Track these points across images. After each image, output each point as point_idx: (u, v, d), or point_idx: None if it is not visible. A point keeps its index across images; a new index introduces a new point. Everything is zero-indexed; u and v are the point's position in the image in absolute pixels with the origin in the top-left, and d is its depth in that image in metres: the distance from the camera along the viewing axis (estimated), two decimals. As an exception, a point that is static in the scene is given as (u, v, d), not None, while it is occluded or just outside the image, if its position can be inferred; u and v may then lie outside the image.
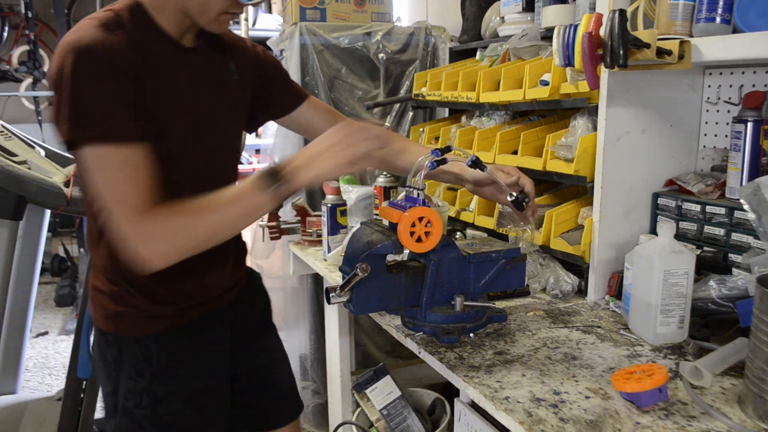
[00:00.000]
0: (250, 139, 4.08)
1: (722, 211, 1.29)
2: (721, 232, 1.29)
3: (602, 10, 1.26)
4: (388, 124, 2.42)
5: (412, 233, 1.09)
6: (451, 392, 1.82)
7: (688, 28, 1.15)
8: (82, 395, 2.00)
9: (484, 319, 1.22)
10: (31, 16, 4.86)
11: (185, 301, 1.18)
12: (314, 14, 2.41)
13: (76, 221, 4.89)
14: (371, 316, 1.33)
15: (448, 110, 2.28)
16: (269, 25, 3.61)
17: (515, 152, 1.61)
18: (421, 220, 1.09)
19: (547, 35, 1.73)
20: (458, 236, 1.76)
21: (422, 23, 2.56)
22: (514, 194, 1.26)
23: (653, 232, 1.44)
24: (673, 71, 1.36)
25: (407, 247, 1.10)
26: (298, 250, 1.98)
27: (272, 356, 1.44)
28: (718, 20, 1.10)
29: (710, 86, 1.44)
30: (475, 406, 1.17)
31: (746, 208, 1.12)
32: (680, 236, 1.37)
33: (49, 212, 2.35)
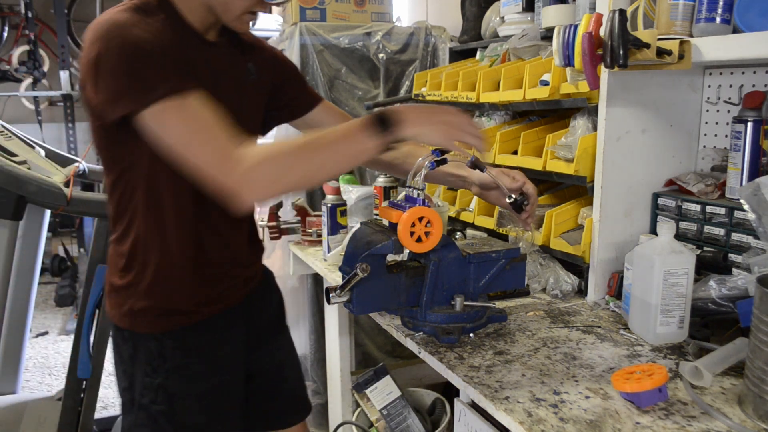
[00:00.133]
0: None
1: (722, 211, 1.29)
2: (721, 232, 1.29)
3: (602, 10, 1.26)
4: None
5: (412, 233, 1.09)
6: (451, 392, 1.82)
7: (688, 28, 1.15)
8: (82, 395, 2.00)
9: (484, 319, 1.22)
10: (31, 16, 4.86)
11: (201, 296, 1.18)
12: (314, 14, 2.41)
13: (76, 221, 4.89)
14: (371, 316, 1.33)
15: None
16: (269, 25, 3.60)
17: (515, 152, 1.61)
18: (421, 220, 1.09)
19: (547, 35, 1.73)
20: (458, 236, 1.76)
21: (422, 23, 2.56)
22: (513, 196, 1.26)
23: (653, 232, 1.44)
24: (673, 71, 1.36)
25: (407, 247, 1.10)
26: (298, 250, 1.98)
27: (284, 356, 1.44)
28: (718, 20, 1.10)
29: (710, 86, 1.44)
30: (475, 406, 1.17)
31: (746, 208, 1.12)
32: (680, 236, 1.37)
33: (49, 212, 2.35)
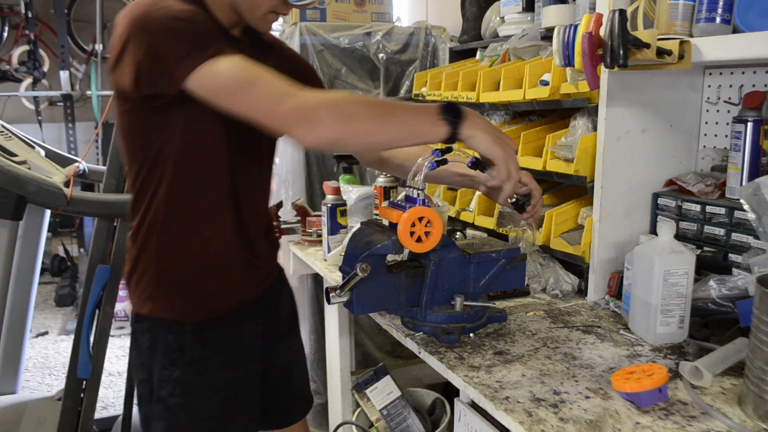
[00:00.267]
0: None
1: (722, 211, 1.29)
2: (721, 232, 1.29)
3: (602, 10, 1.26)
4: None
5: (412, 233, 1.09)
6: (451, 392, 1.82)
7: (688, 28, 1.15)
8: (82, 395, 2.00)
9: (484, 319, 1.22)
10: (31, 16, 4.86)
11: (221, 285, 1.20)
12: (314, 14, 2.41)
13: (76, 221, 4.89)
14: (371, 316, 1.33)
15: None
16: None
17: (515, 152, 1.61)
18: (421, 220, 1.09)
19: (547, 35, 1.73)
20: (458, 236, 1.76)
21: (422, 23, 2.56)
22: (515, 197, 1.26)
23: (653, 232, 1.44)
24: (673, 71, 1.36)
25: (407, 247, 1.10)
26: (298, 250, 1.98)
27: (295, 355, 1.46)
28: (718, 20, 1.10)
29: (710, 86, 1.44)
30: (475, 406, 1.17)
31: (746, 208, 1.12)
32: (680, 236, 1.37)
33: (49, 212, 2.35)
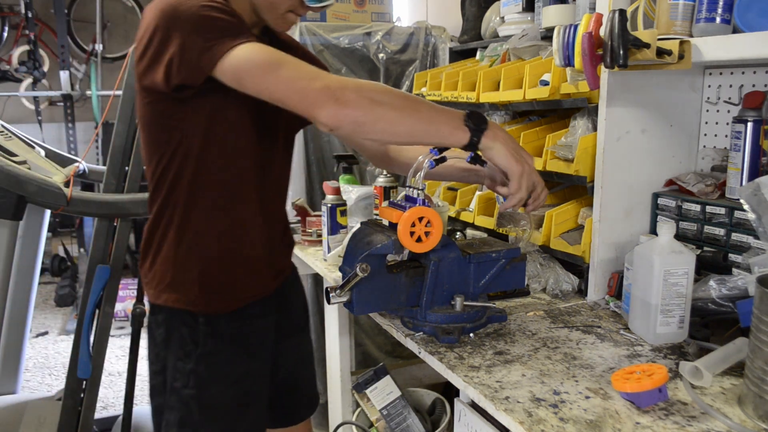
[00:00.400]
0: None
1: (722, 211, 1.29)
2: (721, 232, 1.29)
3: (602, 10, 1.26)
4: None
5: (412, 233, 1.09)
6: (451, 392, 1.82)
7: (688, 28, 1.15)
8: (82, 395, 2.00)
9: (484, 319, 1.22)
10: (31, 16, 4.86)
11: (237, 277, 1.21)
12: (314, 14, 2.41)
13: (76, 221, 4.89)
14: (371, 316, 1.33)
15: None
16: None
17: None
18: (421, 220, 1.09)
19: (547, 35, 1.73)
20: (458, 236, 1.76)
21: (422, 23, 2.56)
22: None
23: (653, 232, 1.44)
24: (673, 71, 1.36)
25: (407, 247, 1.10)
26: (298, 250, 1.98)
27: (304, 353, 1.47)
28: (718, 20, 1.10)
29: (710, 86, 1.44)
30: (475, 406, 1.17)
31: (746, 208, 1.12)
32: (680, 236, 1.37)
33: (49, 212, 2.34)
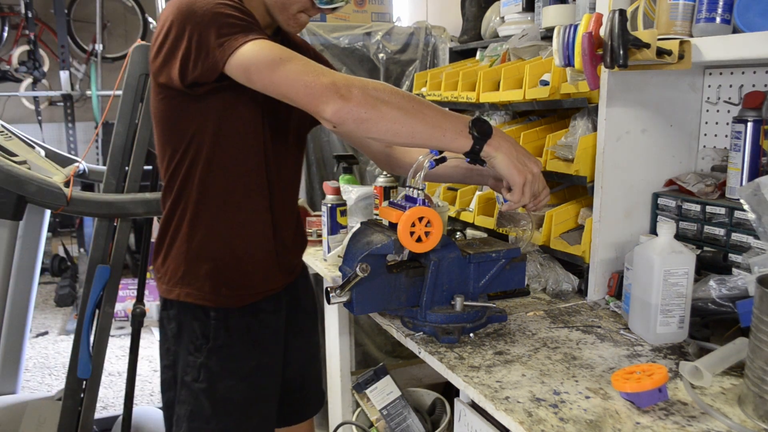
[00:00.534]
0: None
1: (722, 211, 1.29)
2: (721, 232, 1.29)
3: (602, 10, 1.26)
4: None
5: (412, 233, 1.09)
6: (451, 392, 1.82)
7: (688, 28, 1.15)
8: (82, 395, 2.00)
9: (484, 319, 1.22)
10: (31, 16, 4.86)
11: (248, 272, 1.22)
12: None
13: (76, 221, 4.89)
14: (371, 316, 1.33)
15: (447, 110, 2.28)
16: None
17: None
18: (421, 220, 1.09)
19: (547, 35, 1.73)
20: (458, 236, 1.76)
21: (422, 23, 2.56)
22: None
23: (653, 232, 1.44)
24: (673, 71, 1.36)
25: (407, 247, 1.10)
26: (298, 250, 1.98)
27: (313, 351, 1.49)
28: (718, 20, 1.10)
29: (710, 86, 1.44)
30: (475, 406, 1.17)
31: (746, 208, 1.12)
32: (680, 236, 1.37)
33: (49, 212, 2.34)
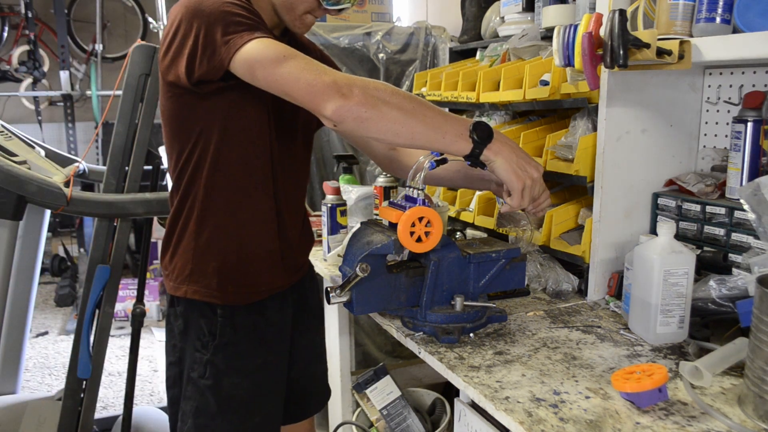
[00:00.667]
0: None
1: (722, 211, 1.29)
2: (721, 232, 1.29)
3: (602, 10, 1.26)
4: None
5: (412, 233, 1.09)
6: (451, 392, 1.82)
7: (688, 28, 1.15)
8: (82, 395, 2.00)
9: (484, 319, 1.22)
10: (31, 16, 4.86)
11: (255, 271, 1.22)
12: (314, 14, 2.40)
13: (76, 221, 4.89)
14: (371, 316, 1.33)
15: (447, 110, 2.28)
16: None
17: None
18: (421, 220, 1.09)
19: (547, 35, 1.73)
20: (458, 236, 1.76)
21: (422, 23, 2.56)
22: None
23: (653, 232, 1.44)
24: (673, 71, 1.36)
25: (407, 247, 1.10)
26: (298, 250, 1.98)
27: (318, 350, 1.50)
28: (718, 20, 1.10)
29: (710, 86, 1.44)
30: (475, 406, 1.17)
31: (746, 208, 1.12)
32: (680, 236, 1.37)
33: (49, 212, 2.34)
